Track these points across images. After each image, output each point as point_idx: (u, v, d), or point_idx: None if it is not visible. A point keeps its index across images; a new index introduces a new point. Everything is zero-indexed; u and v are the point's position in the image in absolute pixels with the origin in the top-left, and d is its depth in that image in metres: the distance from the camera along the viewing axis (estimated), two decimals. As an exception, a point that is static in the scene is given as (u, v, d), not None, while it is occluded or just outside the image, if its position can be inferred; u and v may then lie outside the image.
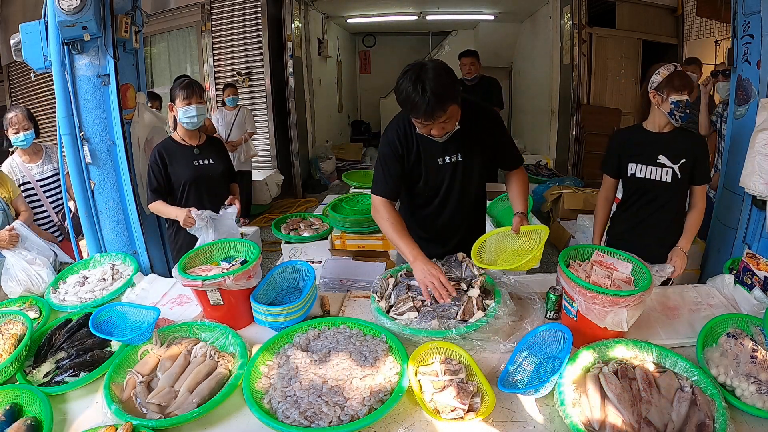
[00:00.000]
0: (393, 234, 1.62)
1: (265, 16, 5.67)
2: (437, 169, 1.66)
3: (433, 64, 1.40)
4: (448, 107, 1.41)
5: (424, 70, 1.37)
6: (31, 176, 2.56)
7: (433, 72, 1.37)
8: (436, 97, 1.36)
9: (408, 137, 1.62)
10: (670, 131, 1.84)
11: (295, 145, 6.21)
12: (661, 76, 1.77)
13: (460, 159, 1.65)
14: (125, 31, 2.05)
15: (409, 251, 1.57)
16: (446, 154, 1.64)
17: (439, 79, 1.36)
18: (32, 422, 1.12)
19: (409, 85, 1.37)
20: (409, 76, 1.38)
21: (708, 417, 1.06)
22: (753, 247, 2.27)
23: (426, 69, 1.37)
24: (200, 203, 2.16)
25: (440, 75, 1.38)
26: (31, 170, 2.57)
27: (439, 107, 1.38)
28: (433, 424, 1.13)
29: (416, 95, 1.36)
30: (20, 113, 2.49)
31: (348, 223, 2.73)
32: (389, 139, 1.64)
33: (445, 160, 1.65)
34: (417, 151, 1.63)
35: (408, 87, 1.37)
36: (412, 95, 1.37)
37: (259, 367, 1.31)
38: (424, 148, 1.63)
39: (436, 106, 1.38)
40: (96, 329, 1.43)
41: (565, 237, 4.12)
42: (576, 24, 5.27)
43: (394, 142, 1.63)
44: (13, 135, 2.49)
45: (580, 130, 5.59)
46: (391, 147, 1.64)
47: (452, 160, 1.65)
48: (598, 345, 1.28)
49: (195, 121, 2.12)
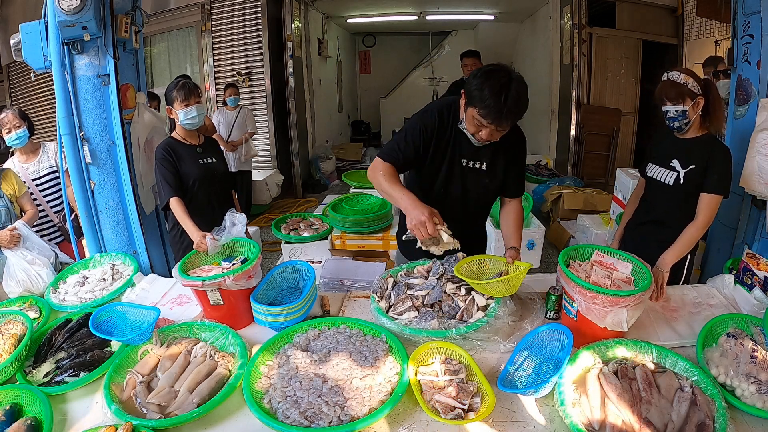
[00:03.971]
0: (387, 185, 1.54)
1: (265, 16, 5.67)
2: (460, 170, 1.65)
3: (520, 78, 1.41)
4: (518, 119, 1.45)
5: (512, 79, 1.39)
6: (27, 176, 2.56)
7: (520, 85, 1.39)
8: (515, 108, 1.38)
9: (446, 127, 1.59)
10: (693, 137, 1.77)
11: (295, 145, 6.21)
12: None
13: (483, 169, 1.65)
14: (125, 31, 2.05)
15: (403, 198, 1.49)
16: (473, 159, 1.63)
17: (524, 94, 1.40)
18: (32, 422, 1.12)
19: (495, 84, 1.37)
20: (498, 77, 1.38)
21: (708, 417, 1.06)
22: (753, 247, 2.27)
23: (514, 78, 1.39)
24: (208, 201, 2.19)
25: (525, 93, 1.40)
26: (27, 169, 2.58)
27: (509, 119, 1.41)
28: (433, 424, 1.13)
29: (499, 98, 1.36)
30: (10, 113, 2.50)
31: (348, 223, 2.73)
32: (429, 116, 1.59)
33: (469, 164, 1.64)
34: (447, 145, 1.61)
35: (494, 85, 1.37)
36: (495, 96, 1.37)
37: (259, 367, 1.31)
38: (455, 144, 1.61)
39: (508, 117, 1.40)
40: (96, 329, 1.43)
41: (565, 237, 4.12)
42: (576, 24, 5.27)
43: (431, 122, 1.58)
44: (6, 135, 2.50)
45: (580, 130, 5.60)
46: (424, 124, 1.58)
47: (476, 167, 1.65)
48: (598, 345, 1.28)
49: (196, 121, 2.13)
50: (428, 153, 1.62)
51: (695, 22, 5.08)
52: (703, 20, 4.88)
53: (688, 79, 1.68)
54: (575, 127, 5.58)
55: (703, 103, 1.70)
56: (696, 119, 1.73)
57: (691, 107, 1.69)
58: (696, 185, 1.73)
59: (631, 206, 2.05)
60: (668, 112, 1.73)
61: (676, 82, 1.69)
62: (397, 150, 1.59)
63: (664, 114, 1.75)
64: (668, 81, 1.72)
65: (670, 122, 1.74)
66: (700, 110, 1.71)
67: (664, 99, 1.73)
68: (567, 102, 5.66)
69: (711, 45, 4.78)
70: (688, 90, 1.68)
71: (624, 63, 5.58)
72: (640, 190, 2.01)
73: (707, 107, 1.72)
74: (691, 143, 1.77)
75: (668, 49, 5.48)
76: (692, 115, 1.70)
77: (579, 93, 5.47)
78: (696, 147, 1.75)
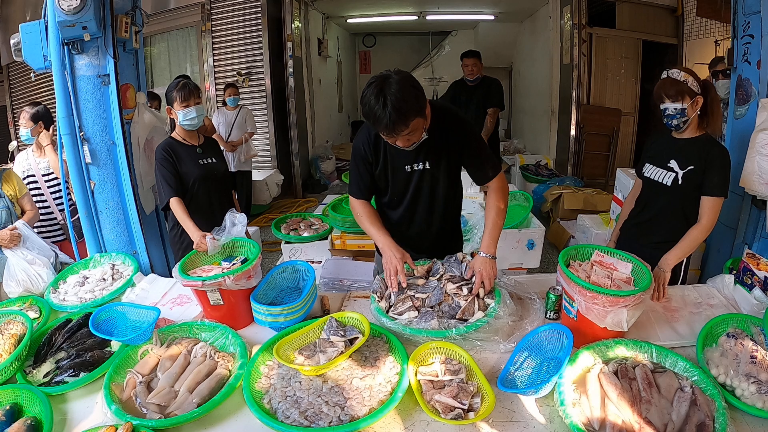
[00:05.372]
0: (368, 226, 1.69)
1: (265, 16, 5.67)
2: (405, 177, 1.65)
3: (398, 77, 1.35)
4: (411, 122, 1.38)
5: (387, 83, 1.34)
6: (37, 170, 2.65)
7: (397, 85, 1.33)
8: (397, 112, 1.33)
9: (376, 144, 1.61)
10: (690, 137, 1.76)
11: (295, 145, 6.21)
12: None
13: (427, 167, 1.62)
14: (125, 31, 2.05)
15: (379, 239, 1.65)
16: (414, 161, 1.62)
17: (401, 93, 1.33)
18: (32, 422, 1.12)
19: (372, 98, 1.34)
20: (372, 89, 1.35)
21: (708, 417, 1.06)
22: (753, 247, 2.27)
23: (389, 82, 1.34)
24: (208, 201, 2.19)
25: (403, 88, 1.34)
26: (39, 164, 2.67)
27: (401, 122, 1.35)
28: (433, 424, 1.13)
29: (378, 109, 1.33)
30: (23, 112, 2.65)
31: (348, 223, 2.72)
32: (359, 144, 1.64)
33: (413, 167, 1.63)
34: (384, 158, 1.63)
35: (371, 100, 1.34)
36: (375, 108, 1.34)
37: (259, 367, 1.31)
38: (391, 156, 1.62)
39: (398, 120, 1.34)
40: (96, 329, 1.43)
41: (565, 237, 4.12)
42: (576, 24, 5.27)
43: (363, 149, 1.63)
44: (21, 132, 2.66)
45: (580, 130, 5.59)
46: (360, 152, 1.64)
47: (419, 168, 1.63)
48: (598, 345, 1.28)
49: (196, 122, 2.13)
50: (378, 173, 1.66)
51: (695, 22, 5.08)
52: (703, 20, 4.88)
53: (687, 78, 1.67)
54: (575, 127, 5.58)
55: (702, 103, 1.69)
56: (694, 119, 1.73)
57: (690, 106, 1.68)
58: (694, 186, 1.72)
59: (628, 207, 2.04)
60: (667, 110, 1.72)
61: (675, 80, 1.69)
62: (357, 184, 1.70)
63: (662, 112, 1.74)
64: (668, 78, 1.71)
65: (668, 120, 1.74)
66: (698, 110, 1.71)
67: (663, 96, 1.72)
68: (567, 102, 5.65)
69: (711, 45, 4.78)
70: (687, 88, 1.67)
71: (624, 63, 5.57)
72: (636, 190, 2.01)
73: (705, 108, 1.72)
74: (689, 143, 1.76)
75: (668, 49, 5.47)
76: (691, 113, 1.70)
77: (579, 93, 5.46)
78: (694, 147, 1.74)
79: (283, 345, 1.34)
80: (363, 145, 1.63)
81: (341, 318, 1.44)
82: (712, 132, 1.76)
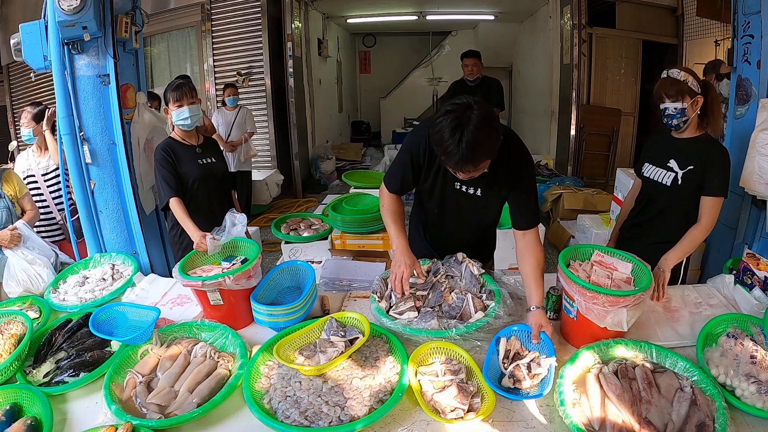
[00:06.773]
0: (390, 222, 1.65)
1: (265, 16, 5.67)
2: (452, 194, 1.59)
3: (479, 113, 1.24)
4: (480, 164, 1.31)
5: (466, 118, 1.24)
6: (37, 170, 2.65)
7: (476, 124, 1.23)
8: (470, 152, 1.25)
9: (432, 152, 1.49)
10: (690, 137, 1.76)
11: (295, 145, 6.21)
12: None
13: (478, 194, 1.56)
14: (125, 31, 2.05)
15: (395, 240, 1.61)
16: (466, 184, 1.54)
17: (479, 132, 1.23)
18: (32, 422, 1.12)
19: (447, 130, 1.24)
20: (450, 119, 1.25)
21: (708, 417, 1.06)
22: (753, 247, 2.27)
23: (470, 117, 1.24)
24: (208, 201, 2.19)
25: (482, 129, 1.24)
26: (39, 164, 2.67)
27: (470, 163, 1.28)
28: (433, 424, 1.13)
29: (452, 144, 1.24)
30: (25, 112, 2.66)
31: (348, 223, 2.72)
32: (416, 142, 1.53)
33: (462, 188, 1.57)
34: (437, 170, 1.55)
35: (446, 131, 1.25)
36: (447, 142, 1.25)
37: (259, 367, 1.31)
38: (444, 170, 1.52)
39: (468, 161, 1.28)
40: (96, 329, 1.43)
41: (565, 237, 4.12)
42: (576, 24, 5.27)
43: (417, 151, 1.54)
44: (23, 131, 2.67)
45: (580, 130, 5.60)
46: (412, 153, 1.55)
47: (470, 192, 1.56)
48: (598, 345, 1.28)
49: (189, 122, 2.12)
50: (422, 174, 1.60)
51: (695, 22, 5.08)
52: (703, 20, 4.88)
53: (688, 77, 1.67)
54: (575, 127, 5.58)
55: (702, 102, 1.69)
56: (694, 118, 1.72)
57: (690, 105, 1.68)
58: (694, 186, 1.71)
59: (627, 206, 2.04)
60: (666, 110, 1.72)
61: (676, 80, 1.69)
62: (394, 177, 1.65)
63: (662, 112, 1.74)
64: (668, 78, 1.71)
65: (668, 120, 1.73)
66: (698, 109, 1.70)
67: (663, 96, 1.72)
68: (567, 102, 5.66)
69: (711, 45, 4.78)
70: (687, 87, 1.67)
71: (624, 63, 5.58)
72: (636, 190, 2.00)
73: (705, 108, 1.71)
74: (689, 143, 1.76)
75: (668, 49, 5.47)
76: (691, 113, 1.69)
77: (579, 93, 5.47)
78: (693, 147, 1.74)
79: (283, 345, 1.34)
80: (420, 144, 1.53)
81: (341, 318, 1.44)
82: (712, 132, 1.76)
